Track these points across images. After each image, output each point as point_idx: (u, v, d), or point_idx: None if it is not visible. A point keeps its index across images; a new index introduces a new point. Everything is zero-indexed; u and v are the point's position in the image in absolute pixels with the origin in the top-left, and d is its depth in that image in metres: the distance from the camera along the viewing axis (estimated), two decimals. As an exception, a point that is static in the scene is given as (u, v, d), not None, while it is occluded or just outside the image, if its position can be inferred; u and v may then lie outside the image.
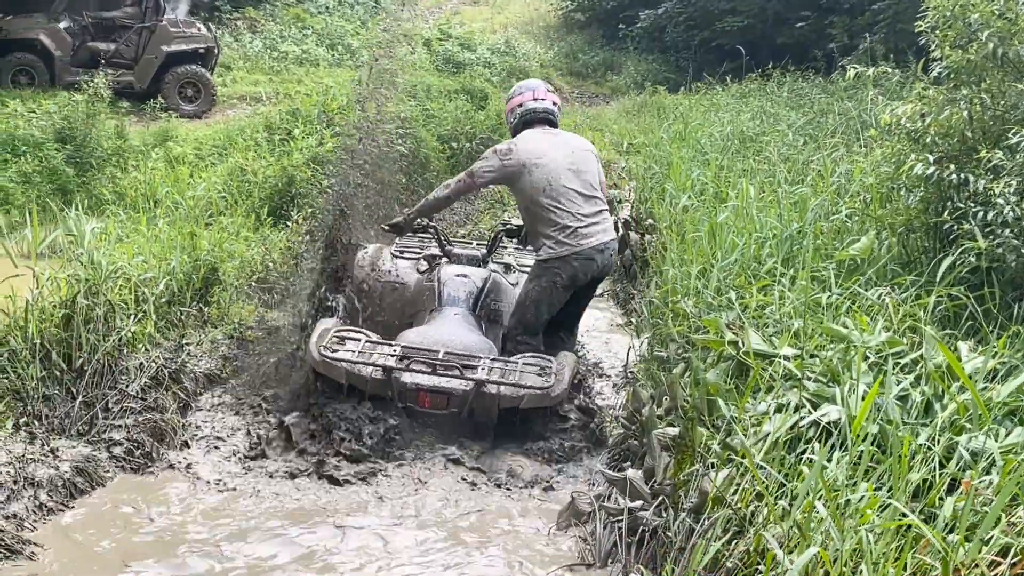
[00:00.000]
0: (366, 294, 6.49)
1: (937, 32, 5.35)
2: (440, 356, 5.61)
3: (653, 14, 25.45)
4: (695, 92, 17.98)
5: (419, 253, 6.88)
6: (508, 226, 7.15)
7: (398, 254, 6.85)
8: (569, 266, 5.98)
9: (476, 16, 29.08)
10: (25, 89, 15.09)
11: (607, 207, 6.29)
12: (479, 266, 6.69)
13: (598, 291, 7.59)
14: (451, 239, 7.39)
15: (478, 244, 7.41)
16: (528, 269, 6.64)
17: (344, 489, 5.08)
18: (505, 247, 7.46)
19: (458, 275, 6.42)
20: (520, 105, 6.34)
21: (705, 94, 17.17)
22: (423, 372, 5.56)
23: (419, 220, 6.55)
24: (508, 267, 7.01)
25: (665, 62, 25.10)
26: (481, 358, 5.68)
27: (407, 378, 5.55)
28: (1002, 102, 5.12)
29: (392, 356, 5.63)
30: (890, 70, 6.30)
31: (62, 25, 15.97)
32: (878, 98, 6.41)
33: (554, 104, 6.41)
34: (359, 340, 5.77)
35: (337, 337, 5.76)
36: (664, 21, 25.17)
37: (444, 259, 6.69)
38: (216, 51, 17.17)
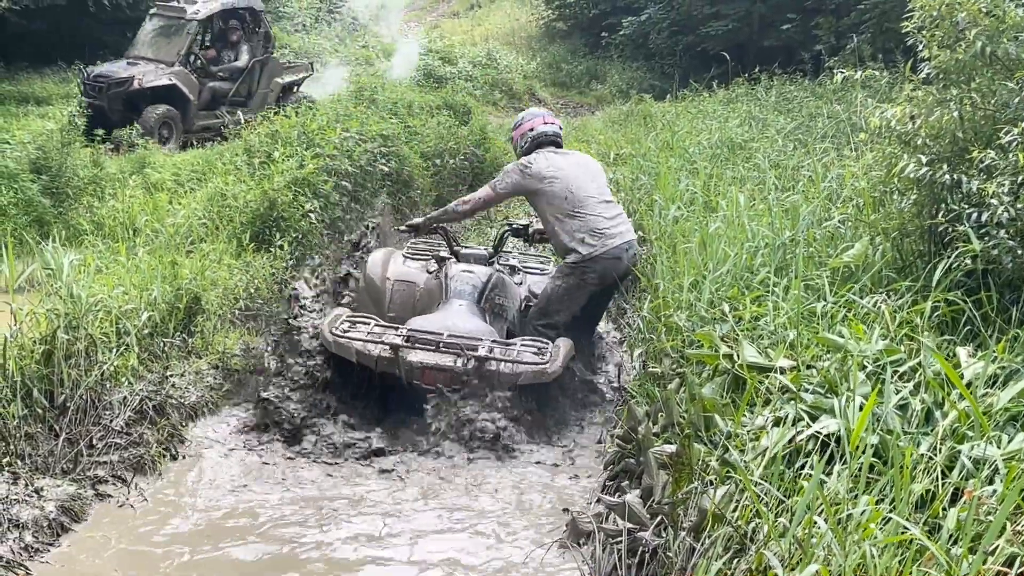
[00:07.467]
0: (378, 294, 6.99)
1: (924, 32, 5.29)
2: (444, 338, 6.00)
3: (636, 21, 25.39)
4: (682, 99, 17.89)
5: (428, 255, 7.30)
6: (514, 226, 7.56)
7: (409, 255, 7.36)
8: (599, 265, 6.48)
9: (456, 29, 29.12)
10: (166, 144, 13.96)
11: (623, 210, 6.78)
12: (486, 265, 7.08)
13: None
14: (460, 242, 7.81)
15: (485, 247, 7.79)
16: (532, 269, 7.66)
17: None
18: (511, 251, 7.99)
19: (464, 271, 6.86)
20: (532, 129, 6.96)
21: (692, 101, 17.09)
22: (427, 351, 5.96)
23: (434, 225, 7.12)
24: (513, 268, 7.50)
25: (650, 69, 25.06)
26: (482, 340, 6.05)
27: (413, 357, 5.95)
28: (992, 101, 5.05)
29: (399, 337, 6.02)
30: (878, 73, 6.25)
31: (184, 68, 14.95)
32: (867, 101, 6.34)
33: (560, 128, 7.07)
34: (368, 324, 6.25)
35: (348, 321, 6.24)
36: (648, 27, 25.10)
37: (453, 259, 7.07)
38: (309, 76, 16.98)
